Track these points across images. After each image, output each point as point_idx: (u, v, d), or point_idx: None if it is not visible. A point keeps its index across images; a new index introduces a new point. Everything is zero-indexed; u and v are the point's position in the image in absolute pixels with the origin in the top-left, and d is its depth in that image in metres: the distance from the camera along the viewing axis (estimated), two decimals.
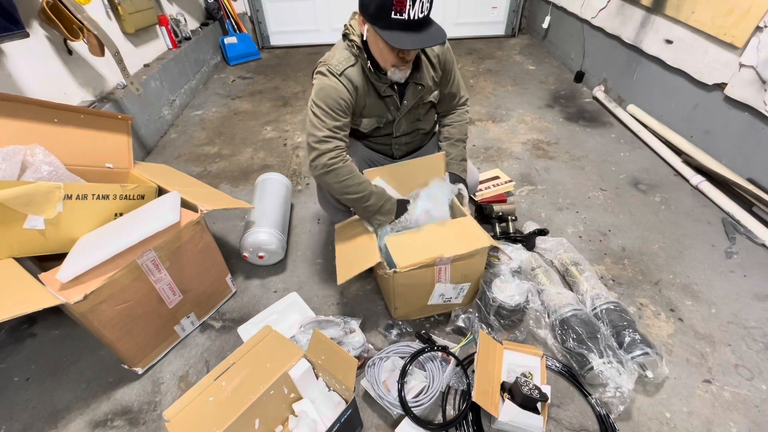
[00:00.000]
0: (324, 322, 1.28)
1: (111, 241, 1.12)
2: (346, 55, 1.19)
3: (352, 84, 1.18)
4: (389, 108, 1.30)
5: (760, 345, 1.29)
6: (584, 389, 1.17)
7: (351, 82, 1.18)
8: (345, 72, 1.17)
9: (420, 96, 1.29)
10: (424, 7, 0.99)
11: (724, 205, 1.81)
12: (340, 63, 1.17)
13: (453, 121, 1.44)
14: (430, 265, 1.19)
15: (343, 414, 0.93)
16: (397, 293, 1.26)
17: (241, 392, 0.93)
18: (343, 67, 1.17)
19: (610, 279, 1.53)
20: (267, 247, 1.54)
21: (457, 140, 1.43)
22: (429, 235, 1.28)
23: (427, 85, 1.28)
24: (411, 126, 1.39)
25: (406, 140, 1.43)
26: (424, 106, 1.36)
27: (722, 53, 1.88)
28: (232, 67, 3.76)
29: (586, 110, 2.75)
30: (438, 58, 1.27)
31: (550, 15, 3.62)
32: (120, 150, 1.48)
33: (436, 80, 1.31)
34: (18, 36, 1.51)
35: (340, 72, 1.16)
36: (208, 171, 2.27)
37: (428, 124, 1.44)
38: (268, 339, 1.05)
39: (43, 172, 1.20)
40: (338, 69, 1.16)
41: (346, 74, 1.17)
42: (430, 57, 1.26)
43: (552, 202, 1.93)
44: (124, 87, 2.26)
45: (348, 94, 1.17)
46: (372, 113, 1.30)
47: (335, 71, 1.16)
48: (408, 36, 1.02)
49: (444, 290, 1.28)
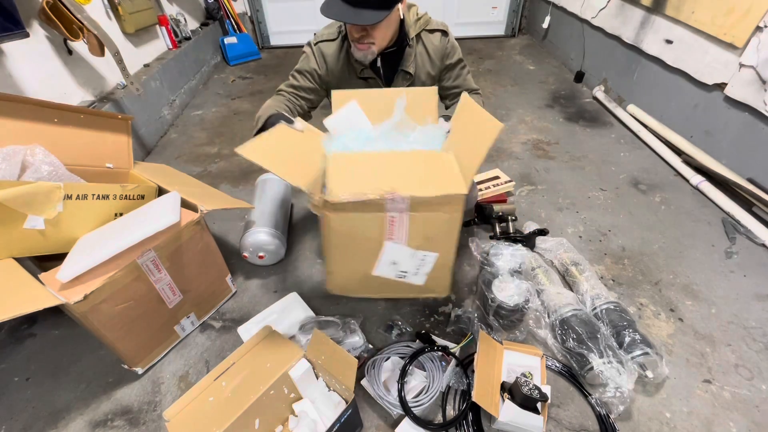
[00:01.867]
0: (324, 322, 1.28)
1: (111, 241, 1.12)
2: (332, 30, 1.26)
3: (322, 56, 1.25)
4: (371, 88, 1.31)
5: (760, 345, 1.29)
6: (584, 389, 1.17)
7: (322, 53, 1.25)
8: (319, 44, 1.25)
9: (408, 84, 1.31)
10: None
11: (724, 205, 1.81)
12: (321, 35, 1.26)
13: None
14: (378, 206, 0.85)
15: (343, 414, 0.93)
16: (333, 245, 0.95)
17: (241, 392, 0.93)
18: (320, 39, 1.25)
19: (610, 279, 1.53)
20: (267, 247, 1.54)
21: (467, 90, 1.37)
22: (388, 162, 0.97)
23: (419, 76, 1.30)
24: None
25: None
26: None
27: (722, 53, 1.88)
28: (232, 67, 3.76)
29: (586, 110, 2.75)
30: (438, 51, 1.29)
31: (550, 15, 3.62)
32: (120, 150, 1.47)
33: (432, 74, 1.31)
34: (18, 36, 1.51)
35: (315, 43, 1.26)
36: (208, 171, 2.27)
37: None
38: (268, 339, 1.05)
39: (43, 172, 1.20)
40: (315, 40, 1.26)
41: (320, 46, 1.25)
42: (428, 49, 1.28)
43: (552, 202, 1.93)
44: (124, 87, 2.26)
45: (315, 63, 1.26)
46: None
47: (312, 41, 1.26)
48: (339, 7, 1.03)
49: (397, 255, 0.96)
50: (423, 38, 1.28)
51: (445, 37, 1.28)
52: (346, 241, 0.95)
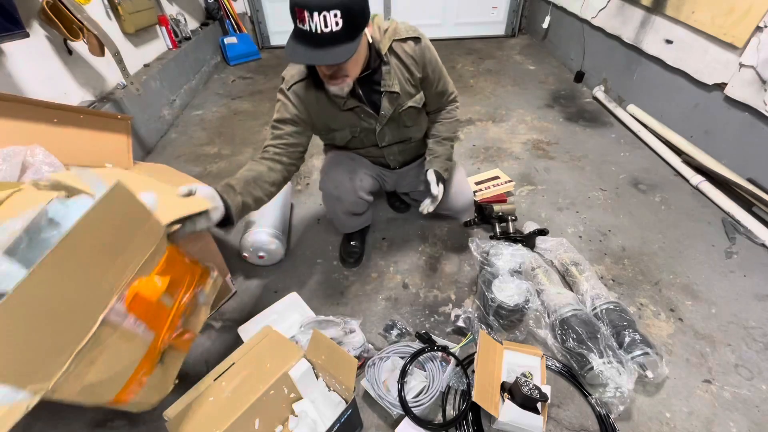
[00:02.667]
0: (324, 322, 1.28)
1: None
2: (299, 69, 1.17)
3: (299, 99, 1.17)
4: (361, 118, 1.24)
5: (760, 345, 1.29)
6: (584, 389, 1.17)
7: (298, 97, 1.16)
8: (293, 87, 1.16)
9: (398, 103, 1.21)
10: (328, 21, 0.88)
11: (724, 205, 1.81)
12: (292, 77, 1.16)
13: (442, 119, 1.37)
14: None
15: (343, 414, 0.93)
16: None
17: (241, 392, 0.93)
18: (292, 82, 1.16)
19: (610, 279, 1.53)
20: (267, 247, 1.54)
21: (445, 138, 1.36)
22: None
23: (404, 91, 1.20)
24: (398, 134, 1.33)
25: (398, 149, 1.38)
26: (408, 113, 1.26)
27: (722, 53, 1.88)
28: (232, 67, 3.76)
29: (586, 110, 2.75)
30: (414, 60, 1.16)
31: (550, 15, 3.62)
32: (120, 150, 1.48)
33: (414, 83, 1.21)
34: (18, 36, 1.51)
35: (288, 87, 1.16)
36: (208, 171, 2.27)
37: (419, 131, 1.38)
38: (268, 339, 1.05)
39: (43, 173, 1.20)
40: (287, 85, 1.16)
41: (294, 90, 1.16)
42: (404, 60, 1.16)
43: (552, 202, 1.93)
44: (124, 87, 2.26)
45: (294, 108, 1.17)
46: (341, 125, 1.26)
47: (285, 87, 1.17)
48: (305, 49, 0.94)
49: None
50: (396, 50, 1.14)
51: (418, 44, 1.16)
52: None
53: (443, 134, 1.36)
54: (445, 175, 1.33)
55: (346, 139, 1.31)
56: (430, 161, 1.34)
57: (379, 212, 1.89)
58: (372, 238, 1.75)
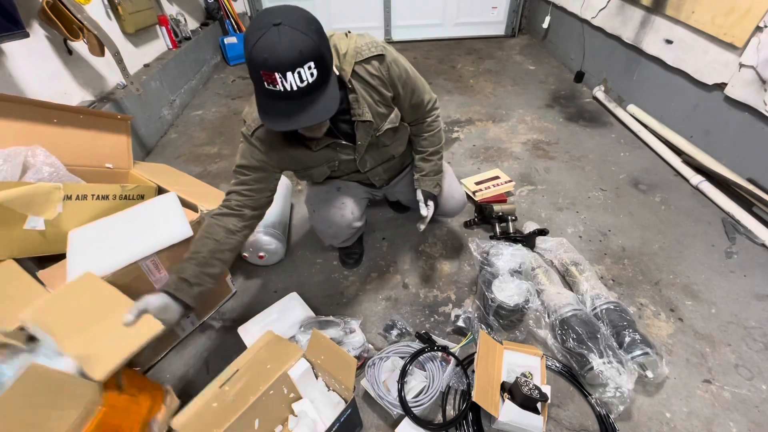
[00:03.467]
0: (324, 322, 1.28)
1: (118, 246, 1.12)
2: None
3: (265, 145, 1.06)
4: (338, 151, 1.15)
5: (760, 345, 1.29)
6: (584, 389, 1.17)
7: (263, 142, 1.05)
8: (255, 133, 1.04)
9: (373, 130, 1.11)
10: (303, 76, 0.78)
11: (724, 205, 1.81)
12: (254, 121, 1.03)
13: (423, 132, 1.27)
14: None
15: (342, 414, 0.93)
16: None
17: (241, 393, 0.93)
18: (255, 126, 1.04)
19: (610, 279, 1.53)
20: (267, 247, 1.54)
21: (430, 153, 1.28)
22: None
23: (377, 115, 1.08)
24: (379, 157, 1.24)
25: (382, 169, 1.30)
26: (385, 134, 1.16)
27: (722, 53, 1.88)
28: (232, 67, 3.76)
29: (586, 110, 2.75)
30: (381, 80, 1.04)
31: (550, 15, 3.62)
32: (120, 150, 1.48)
33: (385, 103, 1.09)
34: (18, 36, 1.51)
35: (251, 133, 1.04)
36: (208, 171, 2.27)
37: (401, 146, 1.28)
38: (270, 343, 1.05)
39: (44, 173, 1.20)
40: (250, 130, 1.05)
41: (257, 135, 1.05)
42: (371, 83, 1.03)
43: (552, 202, 1.93)
44: (124, 87, 2.26)
45: (261, 154, 1.06)
46: (316, 162, 1.16)
47: (247, 133, 1.05)
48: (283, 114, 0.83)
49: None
50: (360, 73, 1.01)
51: (383, 63, 1.02)
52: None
53: (428, 149, 1.29)
54: (435, 190, 1.30)
55: (324, 174, 1.23)
56: (418, 180, 1.29)
57: (379, 212, 1.89)
58: (372, 238, 1.75)
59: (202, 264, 1.00)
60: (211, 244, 1.02)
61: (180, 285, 0.96)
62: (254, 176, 1.08)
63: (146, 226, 1.19)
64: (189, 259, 1.00)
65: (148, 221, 1.21)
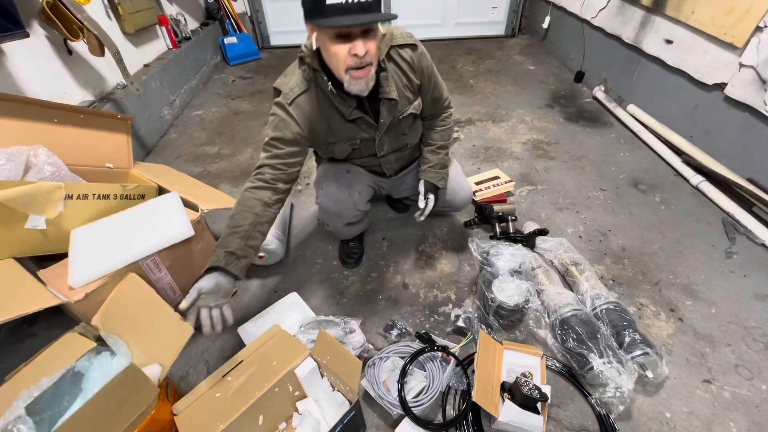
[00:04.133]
0: (324, 322, 1.28)
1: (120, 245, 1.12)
2: (298, 80, 1.10)
3: (302, 114, 1.10)
4: (362, 128, 1.21)
5: (760, 345, 1.29)
6: (584, 389, 1.17)
7: (301, 111, 1.10)
8: (295, 101, 1.09)
9: (396, 110, 1.19)
10: None
11: (724, 205, 1.81)
12: (291, 90, 1.09)
13: (436, 126, 1.36)
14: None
15: (346, 416, 0.93)
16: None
17: (247, 389, 0.94)
18: (294, 95, 1.09)
19: (610, 279, 1.53)
20: (267, 247, 1.54)
21: (439, 147, 1.36)
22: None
23: (403, 97, 1.18)
24: (396, 143, 1.32)
25: (394, 157, 1.37)
26: (406, 120, 1.25)
27: (722, 53, 1.88)
28: (232, 67, 3.76)
29: (586, 110, 2.75)
30: (411, 66, 1.14)
31: (550, 15, 3.62)
32: (120, 150, 1.48)
33: (412, 89, 1.19)
34: (18, 36, 1.51)
35: (290, 101, 1.09)
36: (208, 171, 2.27)
37: (415, 137, 1.38)
38: (276, 338, 1.05)
39: (46, 173, 1.20)
40: (288, 98, 1.09)
41: (297, 103, 1.09)
42: (402, 67, 1.13)
43: (552, 202, 1.93)
44: (124, 87, 2.26)
45: (296, 125, 1.10)
46: (340, 137, 1.22)
47: (284, 102, 1.09)
48: (347, 17, 0.89)
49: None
50: (393, 56, 1.12)
51: (415, 51, 1.13)
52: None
53: (438, 142, 1.36)
54: (440, 183, 1.34)
55: (345, 152, 1.28)
56: (424, 171, 1.35)
57: (378, 212, 1.89)
58: (372, 238, 1.76)
59: (245, 237, 1.03)
60: (251, 217, 1.05)
61: (229, 259, 0.99)
62: (288, 150, 1.12)
63: (148, 226, 1.19)
64: (232, 233, 1.03)
65: (149, 221, 1.21)
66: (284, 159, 1.12)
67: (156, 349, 0.99)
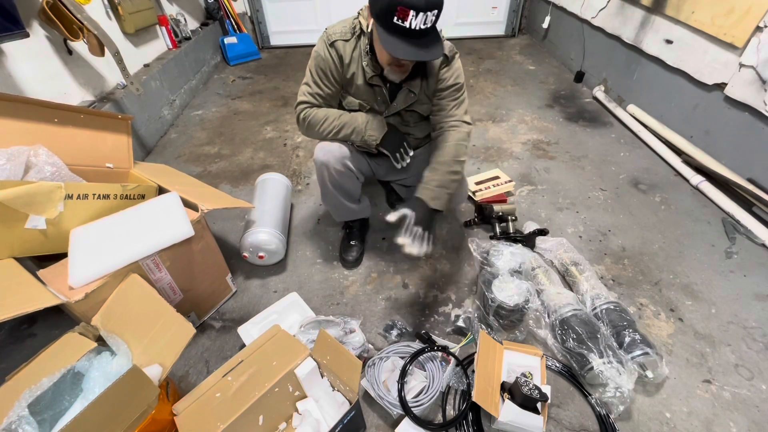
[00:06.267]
0: (324, 322, 1.28)
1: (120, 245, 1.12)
2: (345, 30, 1.21)
3: (339, 56, 1.21)
4: (377, 99, 1.29)
5: (760, 345, 1.29)
6: (584, 389, 1.17)
7: (339, 53, 1.20)
8: (335, 43, 1.19)
9: (411, 103, 1.29)
10: (428, 20, 0.97)
11: (724, 205, 1.81)
12: (335, 33, 1.20)
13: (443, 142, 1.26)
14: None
15: (346, 416, 0.93)
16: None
17: (247, 389, 0.94)
18: (336, 38, 1.19)
19: (610, 279, 1.53)
20: (267, 247, 1.54)
21: (440, 162, 1.23)
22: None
23: (421, 95, 1.27)
24: (400, 128, 1.37)
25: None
26: (413, 115, 1.35)
27: (722, 53, 1.88)
28: (232, 67, 3.76)
29: (586, 110, 2.75)
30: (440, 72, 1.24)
31: (550, 15, 3.62)
32: (120, 150, 1.48)
33: (429, 93, 1.29)
34: (18, 36, 1.51)
35: (331, 42, 1.19)
36: (208, 171, 2.27)
37: (419, 133, 1.42)
38: (276, 338, 1.05)
39: (46, 173, 1.20)
40: (330, 39, 1.20)
41: (336, 46, 1.20)
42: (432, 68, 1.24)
43: (552, 202, 1.93)
44: (124, 87, 2.26)
45: (334, 64, 1.21)
46: (358, 95, 1.30)
47: (327, 40, 1.20)
48: (405, 45, 1.00)
49: None
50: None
51: (451, 60, 1.24)
52: None
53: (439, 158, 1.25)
54: (432, 204, 1.17)
55: (353, 106, 1.32)
56: (418, 188, 1.22)
57: (378, 212, 1.89)
58: (372, 238, 1.76)
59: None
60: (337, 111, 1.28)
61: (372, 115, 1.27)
62: (328, 91, 1.26)
63: (148, 226, 1.19)
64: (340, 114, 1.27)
65: (149, 220, 1.21)
66: (329, 101, 1.28)
67: (157, 349, 0.99)
